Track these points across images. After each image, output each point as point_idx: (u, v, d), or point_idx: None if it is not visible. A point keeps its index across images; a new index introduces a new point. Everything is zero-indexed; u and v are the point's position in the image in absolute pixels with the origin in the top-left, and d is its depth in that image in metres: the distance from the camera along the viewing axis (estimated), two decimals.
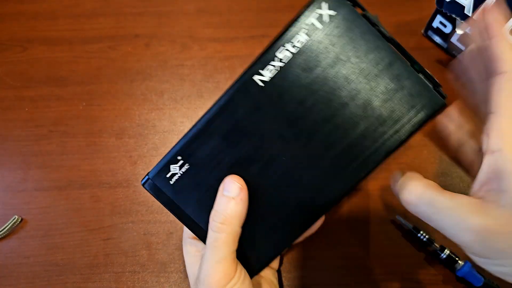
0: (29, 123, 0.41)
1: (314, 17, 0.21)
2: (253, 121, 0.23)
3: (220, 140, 0.24)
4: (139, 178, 0.38)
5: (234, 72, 0.44)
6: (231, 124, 0.24)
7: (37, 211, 0.37)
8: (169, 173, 0.26)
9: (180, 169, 0.25)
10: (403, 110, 0.22)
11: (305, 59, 0.22)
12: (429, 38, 0.47)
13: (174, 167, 0.25)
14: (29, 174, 0.38)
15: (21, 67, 0.44)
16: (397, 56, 0.21)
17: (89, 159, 0.39)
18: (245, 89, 0.23)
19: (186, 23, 0.47)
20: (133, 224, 0.36)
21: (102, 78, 0.44)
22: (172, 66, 0.45)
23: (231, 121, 0.24)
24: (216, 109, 0.24)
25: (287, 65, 0.22)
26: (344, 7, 0.21)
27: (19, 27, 0.46)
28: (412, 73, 0.21)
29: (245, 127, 0.24)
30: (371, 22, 0.21)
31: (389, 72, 0.21)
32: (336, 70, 0.22)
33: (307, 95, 0.22)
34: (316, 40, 0.22)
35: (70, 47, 0.45)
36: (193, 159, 0.25)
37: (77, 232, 0.36)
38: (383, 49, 0.21)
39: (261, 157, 0.24)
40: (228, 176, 0.24)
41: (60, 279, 0.34)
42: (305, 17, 0.21)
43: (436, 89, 0.22)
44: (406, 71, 0.21)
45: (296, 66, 0.22)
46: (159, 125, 0.41)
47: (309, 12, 0.21)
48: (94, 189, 0.38)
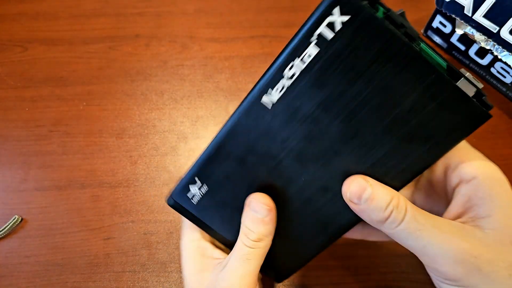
0: (30, 123, 0.41)
1: (323, 25, 0.18)
2: (266, 144, 0.21)
3: (234, 163, 0.22)
4: (139, 177, 0.38)
5: (234, 72, 0.44)
6: (243, 148, 0.22)
7: (37, 211, 0.37)
8: (190, 193, 0.24)
9: (199, 190, 0.24)
10: (440, 127, 0.19)
11: (316, 75, 0.19)
12: (428, 38, 0.47)
13: (193, 188, 0.24)
14: (29, 174, 0.38)
15: (22, 67, 0.44)
16: (429, 65, 0.18)
17: (90, 159, 0.39)
18: (252, 111, 0.21)
19: (186, 23, 0.47)
20: (133, 224, 0.36)
21: (103, 78, 0.44)
22: (172, 66, 0.45)
23: (242, 144, 0.22)
24: (225, 133, 0.22)
25: (296, 82, 0.19)
26: (360, 10, 0.17)
27: (19, 27, 0.47)
28: (448, 83, 0.18)
29: (258, 150, 0.22)
30: (396, 24, 0.18)
31: (420, 85, 0.18)
32: (352, 86, 0.19)
33: (321, 114, 0.20)
34: (328, 52, 0.18)
35: (71, 47, 0.45)
36: (211, 181, 0.23)
37: (77, 231, 0.36)
38: (412, 59, 0.18)
39: (279, 178, 0.22)
40: (254, 194, 0.23)
41: (60, 278, 0.34)
42: (314, 26, 0.18)
43: (478, 99, 0.19)
44: (441, 82, 0.18)
45: (306, 83, 0.19)
46: (159, 125, 0.41)
47: (318, 19, 0.18)
48: (94, 189, 0.38)
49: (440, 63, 0.19)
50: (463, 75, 0.18)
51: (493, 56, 0.40)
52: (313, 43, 0.18)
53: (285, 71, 0.19)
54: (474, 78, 0.18)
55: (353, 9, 0.17)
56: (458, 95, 0.18)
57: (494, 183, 0.20)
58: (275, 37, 0.46)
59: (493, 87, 0.43)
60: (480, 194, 0.19)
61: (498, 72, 0.41)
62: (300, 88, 0.19)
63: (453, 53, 0.45)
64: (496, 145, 0.39)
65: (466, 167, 0.20)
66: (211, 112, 0.42)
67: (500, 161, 0.38)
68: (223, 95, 0.43)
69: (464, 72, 0.19)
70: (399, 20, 0.18)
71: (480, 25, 0.39)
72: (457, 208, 0.20)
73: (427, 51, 0.19)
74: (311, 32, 0.18)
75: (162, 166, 0.39)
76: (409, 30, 0.18)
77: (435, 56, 0.19)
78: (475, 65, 0.43)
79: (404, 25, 0.18)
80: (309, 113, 0.20)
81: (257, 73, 0.44)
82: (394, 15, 0.18)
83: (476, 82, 0.18)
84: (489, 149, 0.39)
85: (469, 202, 0.20)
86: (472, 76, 0.18)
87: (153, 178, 0.38)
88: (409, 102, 0.19)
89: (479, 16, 0.38)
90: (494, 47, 0.39)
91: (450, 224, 0.19)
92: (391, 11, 0.18)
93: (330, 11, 0.17)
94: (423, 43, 0.19)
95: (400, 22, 0.18)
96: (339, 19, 0.17)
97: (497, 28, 0.37)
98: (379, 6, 0.18)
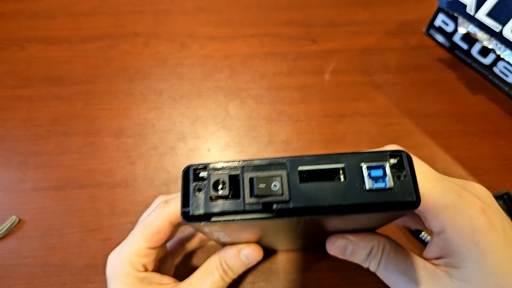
0: (27, 123, 0.41)
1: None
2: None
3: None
4: (138, 178, 0.38)
5: (234, 71, 0.44)
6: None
7: (35, 211, 0.37)
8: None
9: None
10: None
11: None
12: (431, 37, 0.46)
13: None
14: (27, 174, 0.38)
15: (20, 67, 0.44)
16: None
17: (88, 159, 0.39)
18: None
19: (185, 21, 0.47)
20: (132, 225, 0.36)
21: (101, 77, 0.43)
22: (171, 65, 0.44)
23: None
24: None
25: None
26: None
27: (17, 26, 0.46)
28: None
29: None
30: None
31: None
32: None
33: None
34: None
35: (69, 46, 0.45)
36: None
37: (75, 232, 0.36)
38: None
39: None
40: (252, 246, 0.25)
41: (58, 279, 0.34)
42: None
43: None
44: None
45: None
46: (158, 125, 0.41)
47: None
48: (92, 189, 0.37)
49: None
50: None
51: (496, 55, 0.39)
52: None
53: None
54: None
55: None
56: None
57: (463, 235, 0.19)
58: (276, 36, 0.46)
59: (495, 86, 0.42)
60: (449, 247, 0.20)
61: (501, 71, 0.41)
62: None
63: (456, 52, 0.44)
64: (498, 145, 0.39)
65: (433, 221, 0.20)
66: (210, 112, 0.42)
67: (502, 161, 0.38)
68: (223, 94, 0.43)
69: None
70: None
71: (482, 24, 0.38)
72: (433, 251, 0.22)
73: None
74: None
75: (161, 166, 0.38)
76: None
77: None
78: (478, 64, 0.43)
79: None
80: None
81: (257, 72, 0.44)
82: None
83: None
84: (491, 149, 0.39)
85: (442, 250, 0.21)
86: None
87: (152, 179, 0.38)
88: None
89: (482, 15, 0.38)
90: (496, 46, 0.38)
91: (422, 269, 0.21)
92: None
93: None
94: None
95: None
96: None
97: (500, 27, 0.37)
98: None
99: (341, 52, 0.46)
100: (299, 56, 0.45)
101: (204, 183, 0.16)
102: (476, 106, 0.42)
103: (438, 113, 0.41)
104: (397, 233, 0.35)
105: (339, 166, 0.16)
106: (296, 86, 0.43)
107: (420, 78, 0.44)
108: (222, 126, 0.41)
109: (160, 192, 0.37)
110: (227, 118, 0.41)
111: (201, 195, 0.16)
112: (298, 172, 0.16)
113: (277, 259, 0.34)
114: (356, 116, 0.41)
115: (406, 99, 0.42)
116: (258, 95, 0.43)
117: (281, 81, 0.43)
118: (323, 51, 0.46)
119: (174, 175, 0.38)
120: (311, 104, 0.42)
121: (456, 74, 0.44)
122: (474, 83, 0.43)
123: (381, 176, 0.16)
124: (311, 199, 0.16)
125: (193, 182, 0.16)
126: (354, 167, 0.16)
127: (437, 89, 0.43)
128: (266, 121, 0.41)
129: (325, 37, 0.47)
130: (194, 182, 0.16)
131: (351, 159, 0.16)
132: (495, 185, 0.37)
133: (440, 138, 0.39)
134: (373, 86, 0.43)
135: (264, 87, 0.43)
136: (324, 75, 0.44)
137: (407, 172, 0.16)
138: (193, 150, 0.39)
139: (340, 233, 0.23)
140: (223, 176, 0.16)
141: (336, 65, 0.45)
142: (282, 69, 0.44)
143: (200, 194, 0.16)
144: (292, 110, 0.42)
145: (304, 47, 0.46)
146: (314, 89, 0.43)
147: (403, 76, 0.44)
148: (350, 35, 0.47)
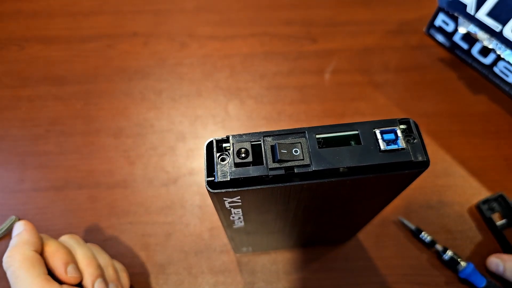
0: (26, 123, 0.40)
1: None
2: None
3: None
4: (137, 178, 0.38)
5: (234, 70, 0.44)
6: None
7: (34, 211, 0.36)
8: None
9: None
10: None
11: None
12: (431, 37, 0.46)
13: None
14: (26, 175, 0.38)
15: (18, 66, 0.44)
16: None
17: (87, 159, 0.39)
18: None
19: (184, 21, 0.47)
20: (131, 225, 0.36)
21: (100, 77, 0.43)
22: (170, 64, 0.44)
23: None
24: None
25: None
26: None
27: (16, 26, 0.46)
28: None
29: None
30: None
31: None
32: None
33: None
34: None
35: (68, 46, 0.45)
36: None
37: (74, 233, 0.35)
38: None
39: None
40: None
41: None
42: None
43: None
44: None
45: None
46: (157, 125, 0.41)
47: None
48: (91, 190, 0.37)
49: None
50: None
51: (496, 55, 0.39)
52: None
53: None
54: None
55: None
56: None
57: None
58: (276, 35, 0.46)
59: (495, 86, 0.42)
60: None
61: (501, 71, 0.41)
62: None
63: (456, 52, 0.44)
64: (499, 145, 0.39)
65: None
66: (210, 112, 0.41)
67: (503, 161, 0.38)
68: (223, 94, 0.42)
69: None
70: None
71: (483, 24, 0.38)
72: None
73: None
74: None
75: (160, 167, 0.38)
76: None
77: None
78: (478, 64, 0.43)
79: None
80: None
81: (257, 72, 0.44)
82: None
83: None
84: (492, 149, 0.38)
85: None
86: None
87: (151, 179, 0.38)
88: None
89: (482, 15, 0.38)
90: (497, 45, 0.38)
91: None
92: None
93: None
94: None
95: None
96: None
97: (500, 26, 0.37)
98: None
99: (342, 51, 0.46)
100: (299, 56, 0.45)
101: (228, 153, 0.17)
102: (476, 106, 0.41)
103: (438, 113, 0.41)
104: (398, 233, 0.35)
105: (354, 133, 0.18)
106: (296, 85, 0.43)
107: (420, 78, 0.44)
108: (222, 126, 0.41)
109: (159, 193, 0.37)
110: (227, 118, 0.41)
111: (225, 163, 0.17)
112: (316, 139, 0.18)
113: (277, 259, 0.34)
114: (356, 116, 0.41)
115: (406, 98, 0.42)
116: (258, 95, 0.42)
117: (281, 81, 0.43)
118: (323, 51, 0.46)
119: (174, 175, 0.38)
120: (311, 104, 0.42)
121: (456, 74, 0.44)
122: (475, 83, 0.43)
123: (393, 139, 0.17)
124: (330, 162, 0.17)
125: (217, 152, 0.17)
126: (368, 133, 0.18)
127: (438, 89, 0.43)
128: (266, 121, 0.41)
129: (325, 37, 0.46)
130: (218, 152, 0.17)
131: (364, 126, 0.18)
132: (495, 185, 0.37)
133: (441, 138, 0.39)
134: (373, 85, 0.43)
135: (264, 87, 0.43)
136: (324, 74, 0.44)
137: (416, 135, 0.18)
138: (192, 150, 0.39)
139: (349, 218, 0.25)
140: (245, 145, 0.17)
141: (337, 64, 0.45)
142: (282, 68, 0.44)
143: (225, 163, 0.17)
144: (292, 110, 0.41)
145: (304, 47, 0.46)
146: (314, 88, 0.43)
147: (403, 76, 0.44)
148: (351, 34, 0.47)
